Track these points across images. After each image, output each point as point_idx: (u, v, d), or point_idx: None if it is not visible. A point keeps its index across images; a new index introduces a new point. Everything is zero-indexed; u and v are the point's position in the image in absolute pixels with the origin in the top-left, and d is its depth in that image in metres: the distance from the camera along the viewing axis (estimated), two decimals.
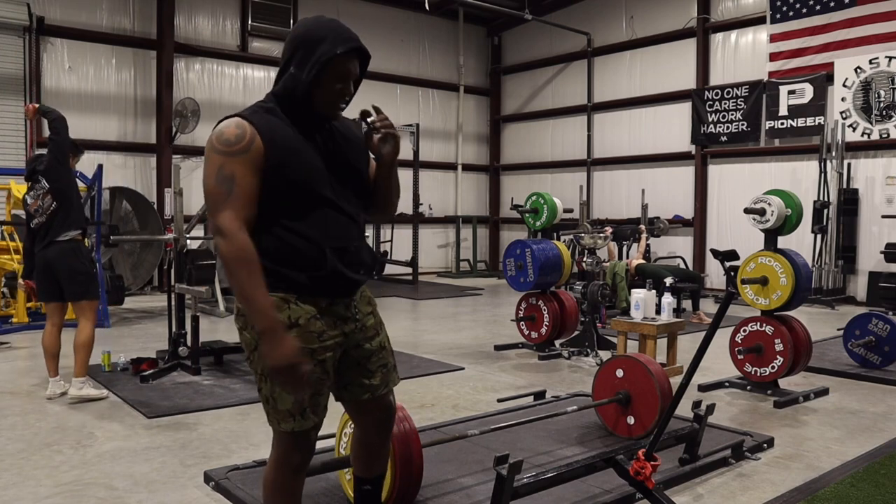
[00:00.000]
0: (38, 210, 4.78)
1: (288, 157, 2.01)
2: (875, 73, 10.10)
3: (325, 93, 2.05)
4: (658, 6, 12.85)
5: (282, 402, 2.06)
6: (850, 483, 3.39)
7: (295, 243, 2.03)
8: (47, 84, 10.82)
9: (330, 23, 2.07)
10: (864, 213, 10.35)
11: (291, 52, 2.05)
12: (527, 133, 15.53)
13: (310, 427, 2.11)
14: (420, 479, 2.92)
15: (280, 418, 2.09)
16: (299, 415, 2.07)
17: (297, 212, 2.04)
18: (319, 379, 2.08)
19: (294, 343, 1.94)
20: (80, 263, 4.78)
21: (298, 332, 2.03)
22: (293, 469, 2.16)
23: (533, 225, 6.94)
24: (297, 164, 2.03)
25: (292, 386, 1.94)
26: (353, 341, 2.18)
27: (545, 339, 6.49)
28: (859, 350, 5.87)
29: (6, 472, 3.46)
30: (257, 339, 2.00)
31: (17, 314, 7.61)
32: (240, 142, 1.97)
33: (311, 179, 2.04)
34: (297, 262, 2.04)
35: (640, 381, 3.83)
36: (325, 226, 2.06)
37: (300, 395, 2.01)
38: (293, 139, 2.04)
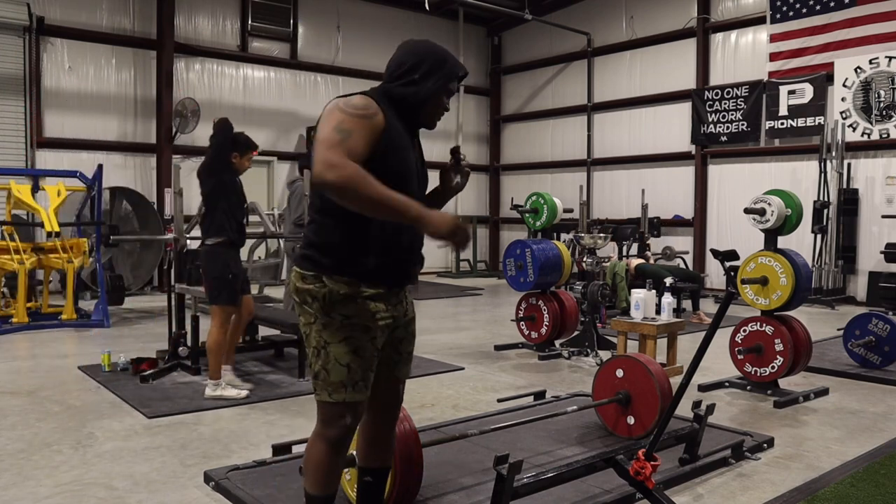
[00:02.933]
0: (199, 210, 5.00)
1: (396, 147, 2.19)
2: (875, 73, 10.10)
3: (434, 105, 2.29)
4: (658, 6, 12.85)
5: (335, 373, 2.20)
6: (850, 483, 3.39)
7: (377, 224, 2.16)
8: (47, 84, 10.81)
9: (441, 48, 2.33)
10: (864, 213, 10.35)
11: (416, 63, 2.25)
12: (527, 133, 15.53)
13: (359, 400, 2.24)
14: (420, 479, 2.92)
15: (333, 389, 2.20)
16: (352, 386, 2.20)
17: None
18: (372, 355, 2.24)
19: (446, 214, 2.07)
20: (215, 268, 4.76)
21: (356, 308, 2.19)
22: (333, 443, 2.25)
23: (533, 225, 6.94)
24: (401, 157, 2.22)
25: (465, 241, 2.07)
26: (398, 323, 2.35)
27: (545, 339, 6.49)
28: (859, 350, 5.87)
29: (6, 472, 3.46)
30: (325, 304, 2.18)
31: (17, 314, 7.61)
32: (366, 109, 2.12)
33: (406, 175, 2.23)
34: (371, 245, 2.18)
35: (640, 381, 3.83)
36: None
37: (465, 247, 2.13)
38: (401, 134, 2.23)
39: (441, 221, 2.04)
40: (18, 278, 7.54)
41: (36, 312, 8.06)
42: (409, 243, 2.28)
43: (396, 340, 2.39)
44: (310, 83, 13.38)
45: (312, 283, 2.20)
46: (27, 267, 7.53)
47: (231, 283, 4.76)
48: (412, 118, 2.30)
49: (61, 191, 8.22)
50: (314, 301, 2.20)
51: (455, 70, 2.30)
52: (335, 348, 2.21)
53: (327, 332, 2.21)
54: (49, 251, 7.93)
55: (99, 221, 8.49)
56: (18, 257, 7.52)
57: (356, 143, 2.05)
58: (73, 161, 10.50)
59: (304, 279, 2.23)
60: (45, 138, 10.69)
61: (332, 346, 2.21)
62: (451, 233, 2.04)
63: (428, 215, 2.04)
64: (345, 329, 2.20)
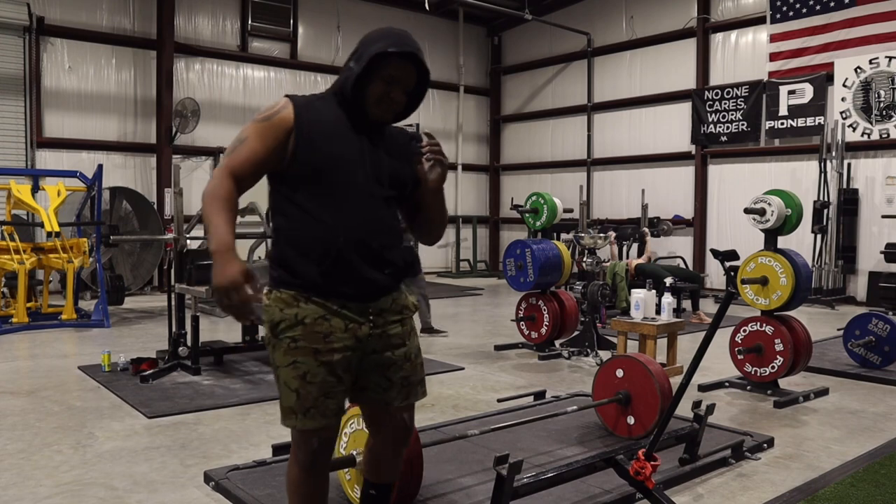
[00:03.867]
0: None
1: (318, 138, 2.03)
2: (875, 73, 10.10)
3: (371, 92, 2.06)
4: (658, 6, 12.85)
5: (285, 397, 2.07)
6: (850, 483, 3.39)
7: (309, 226, 2.02)
8: (47, 84, 10.82)
9: (396, 30, 2.10)
10: (864, 213, 10.35)
11: (354, 50, 2.10)
12: (527, 133, 15.53)
13: (313, 428, 2.07)
14: (420, 479, 2.92)
15: (284, 414, 2.09)
16: (302, 413, 2.05)
17: (319, 196, 2.03)
18: (325, 380, 2.05)
19: (240, 266, 1.86)
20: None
21: (303, 330, 2.02)
22: (302, 466, 2.15)
23: (533, 225, 6.94)
24: (326, 148, 2.03)
25: (231, 309, 1.87)
26: (369, 347, 2.12)
27: (545, 339, 6.49)
28: (859, 350, 5.87)
29: (6, 472, 3.46)
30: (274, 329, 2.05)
31: (17, 314, 7.61)
32: (268, 111, 2.04)
33: (336, 167, 2.04)
34: (310, 248, 2.02)
35: (640, 381, 3.83)
36: (344, 214, 2.04)
37: (243, 321, 1.96)
38: (331, 125, 2.06)
39: (218, 274, 1.85)
40: (18, 278, 7.54)
41: (36, 312, 8.06)
42: (355, 242, 2.04)
43: (383, 366, 2.16)
44: (310, 83, 13.38)
45: (267, 297, 2.08)
46: (27, 267, 7.53)
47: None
48: (360, 109, 2.09)
49: (61, 191, 8.22)
50: (266, 319, 2.08)
51: (385, 48, 2.02)
52: (284, 372, 2.06)
53: (276, 353, 2.08)
54: (49, 251, 7.93)
55: (99, 221, 8.49)
56: (18, 257, 7.52)
57: (245, 148, 2.00)
58: (73, 161, 10.52)
59: (267, 295, 2.10)
60: (45, 138, 10.69)
61: (282, 370, 2.07)
62: (216, 290, 1.85)
63: (217, 258, 1.87)
64: (291, 352, 2.04)
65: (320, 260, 2.02)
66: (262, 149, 2.01)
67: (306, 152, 2.01)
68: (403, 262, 2.17)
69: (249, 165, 2.01)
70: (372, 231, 2.07)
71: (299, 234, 2.03)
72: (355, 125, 2.09)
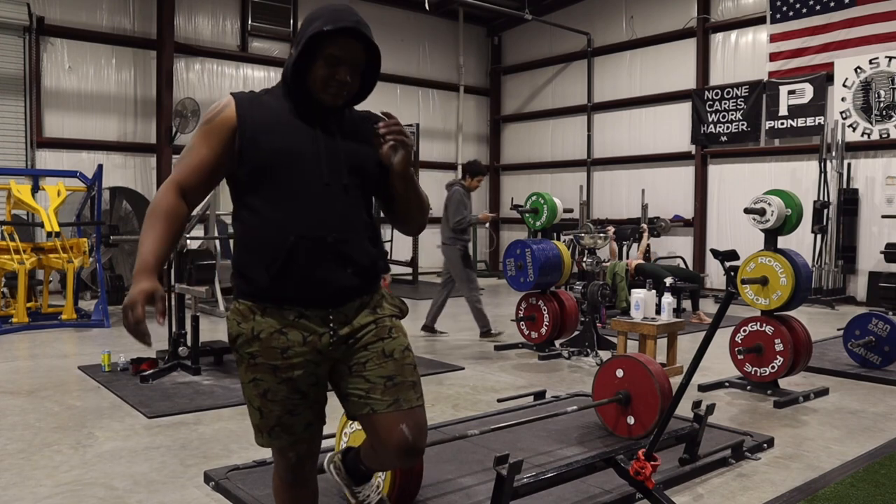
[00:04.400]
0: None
1: (261, 134, 1.87)
2: (875, 73, 10.10)
3: (314, 75, 1.89)
4: (658, 6, 12.85)
5: (251, 415, 1.99)
6: (850, 483, 3.39)
7: (259, 229, 1.88)
8: (47, 84, 10.81)
9: (334, 5, 1.91)
10: (864, 213, 10.34)
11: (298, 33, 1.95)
12: (527, 133, 15.53)
13: (280, 446, 1.99)
14: (420, 479, 2.92)
15: (254, 431, 2.02)
16: (266, 431, 1.97)
17: (267, 195, 1.88)
18: (287, 398, 1.93)
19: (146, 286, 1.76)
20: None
21: (260, 346, 1.90)
22: (281, 478, 2.09)
23: (533, 225, 6.94)
24: (270, 143, 1.87)
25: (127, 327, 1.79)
26: (336, 356, 1.95)
27: (545, 339, 6.49)
28: (859, 350, 5.87)
29: (6, 472, 3.46)
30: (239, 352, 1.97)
31: (17, 314, 7.60)
32: (211, 112, 1.92)
33: (284, 161, 1.87)
34: (260, 251, 1.87)
35: (640, 381, 3.83)
36: (296, 209, 1.86)
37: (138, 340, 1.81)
38: (277, 118, 1.91)
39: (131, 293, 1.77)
40: (18, 278, 7.54)
41: (36, 312, 8.06)
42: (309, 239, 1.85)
43: (356, 366, 1.95)
44: None
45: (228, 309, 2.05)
46: (27, 267, 7.53)
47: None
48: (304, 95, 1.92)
49: (61, 191, 8.22)
50: (230, 336, 1.98)
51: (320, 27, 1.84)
52: (246, 389, 1.97)
53: (239, 369, 1.99)
54: (49, 251, 7.93)
55: (99, 221, 8.48)
56: (18, 257, 7.51)
57: (191, 155, 1.90)
58: (73, 161, 10.51)
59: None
60: (45, 138, 10.69)
61: (245, 387, 1.98)
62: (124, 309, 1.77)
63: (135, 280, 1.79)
64: (252, 369, 1.94)
65: (270, 263, 1.85)
66: (208, 154, 1.89)
67: (250, 150, 1.87)
68: (370, 259, 1.96)
69: (196, 174, 1.90)
70: (328, 225, 1.88)
71: (251, 237, 1.90)
72: (304, 115, 1.92)
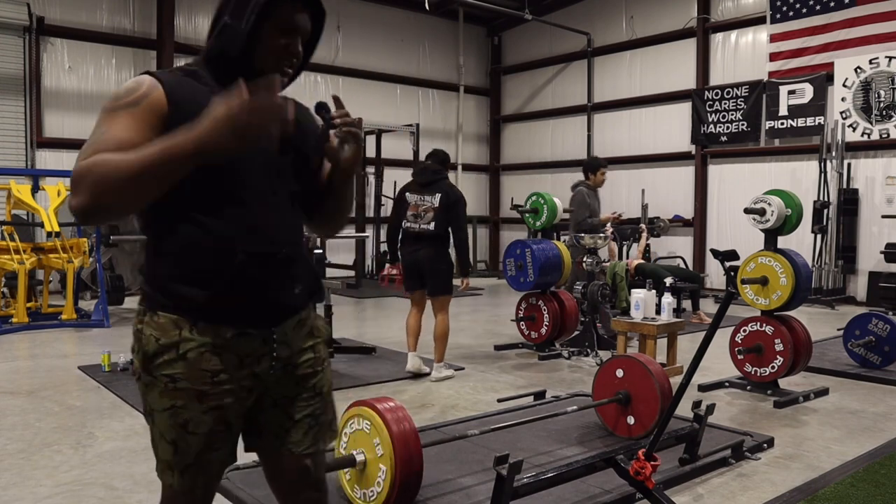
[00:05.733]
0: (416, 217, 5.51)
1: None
2: (875, 73, 10.10)
3: (267, 49, 1.61)
4: (658, 6, 12.85)
5: (161, 449, 1.67)
6: (850, 483, 3.39)
7: (200, 241, 1.57)
8: (47, 84, 10.81)
9: None
10: (864, 213, 10.34)
11: (221, 4, 1.63)
12: (527, 133, 15.53)
13: (189, 488, 1.69)
14: (420, 479, 2.92)
15: (160, 468, 1.70)
16: (180, 470, 1.66)
17: (207, 202, 1.57)
18: (211, 430, 1.63)
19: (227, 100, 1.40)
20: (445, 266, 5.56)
21: (185, 367, 1.58)
22: None
23: (533, 225, 6.94)
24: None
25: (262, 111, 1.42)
26: (271, 382, 1.70)
27: (545, 339, 6.49)
28: (859, 350, 5.87)
29: (6, 472, 3.46)
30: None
31: (17, 314, 7.61)
32: (130, 94, 1.52)
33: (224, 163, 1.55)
34: (199, 269, 1.58)
35: (640, 381, 3.83)
36: (242, 220, 1.59)
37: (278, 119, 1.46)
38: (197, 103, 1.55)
39: (219, 114, 1.39)
40: (18, 278, 7.54)
41: (36, 312, 8.06)
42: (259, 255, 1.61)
43: (285, 400, 1.73)
44: (310, 83, 13.37)
45: (139, 321, 1.63)
46: (27, 267, 7.53)
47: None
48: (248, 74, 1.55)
49: (61, 191, 8.23)
50: (137, 349, 1.63)
51: None
52: (160, 418, 1.63)
53: (151, 394, 1.63)
54: (49, 251, 7.93)
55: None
56: (18, 257, 7.52)
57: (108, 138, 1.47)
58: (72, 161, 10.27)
59: (137, 315, 1.66)
60: (45, 138, 10.69)
61: (157, 415, 1.64)
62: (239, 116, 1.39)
63: (202, 128, 1.40)
64: (170, 395, 1.60)
65: (211, 280, 1.58)
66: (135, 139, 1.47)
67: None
68: (314, 274, 1.79)
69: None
70: (277, 239, 1.65)
71: (182, 247, 1.58)
72: None
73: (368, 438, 2.90)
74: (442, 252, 5.59)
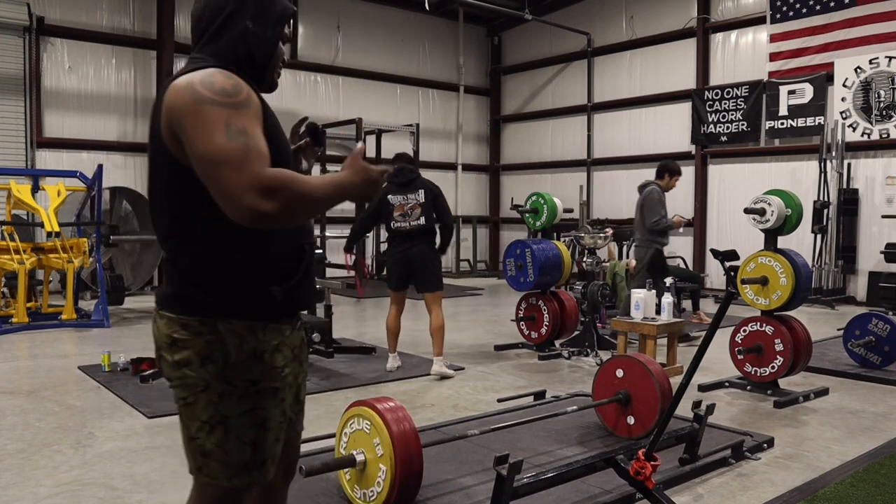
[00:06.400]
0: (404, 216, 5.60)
1: (275, 130, 1.65)
2: (875, 73, 10.10)
3: (277, 59, 1.75)
4: (658, 6, 12.85)
5: (238, 452, 1.65)
6: (850, 483, 3.39)
7: (272, 238, 1.64)
8: (47, 84, 10.81)
9: None
10: (864, 213, 10.34)
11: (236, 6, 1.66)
12: (527, 133, 15.53)
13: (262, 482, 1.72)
14: (420, 479, 2.92)
15: (233, 472, 1.66)
16: (258, 467, 1.68)
17: None
18: (279, 424, 1.72)
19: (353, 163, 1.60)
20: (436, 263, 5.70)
21: (262, 369, 1.64)
22: None
23: (533, 225, 6.94)
24: (281, 141, 1.68)
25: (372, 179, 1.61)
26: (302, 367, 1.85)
27: (545, 339, 6.49)
28: (859, 350, 5.87)
29: (6, 472, 3.46)
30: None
31: (17, 314, 7.61)
32: (237, 94, 1.55)
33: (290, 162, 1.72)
34: (275, 267, 1.65)
35: (640, 381, 3.83)
36: None
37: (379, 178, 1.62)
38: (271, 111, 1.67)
39: (374, 176, 1.60)
40: (18, 278, 7.54)
41: (36, 312, 8.06)
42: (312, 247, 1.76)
43: (299, 389, 1.87)
44: (310, 83, 13.38)
45: (198, 334, 1.61)
46: (27, 267, 7.53)
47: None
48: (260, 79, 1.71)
49: (61, 191, 8.23)
50: (207, 362, 1.61)
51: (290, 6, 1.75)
52: (238, 422, 1.64)
53: (226, 403, 1.62)
54: (49, 251, 7.93)
55: (99, 221, 8.49)
56: (18, 257, 7.52)
57: (260, 147, 1.51)
58: (73, 161, 10.51)
59: (185, 329, 1.61)
60: (45, 138, 10.69)
61: (234, 420, 1.63)
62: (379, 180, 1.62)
63: (360, 182, 1.59)
64: (250, 398, 1.64)
65: (288, 275, 1.67)
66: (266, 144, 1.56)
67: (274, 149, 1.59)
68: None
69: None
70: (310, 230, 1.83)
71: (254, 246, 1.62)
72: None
73: (368, 438, 2.90)
74: (433, 247, 5.71)
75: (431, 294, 5.64)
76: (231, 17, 1.66)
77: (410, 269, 5.64)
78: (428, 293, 5.64)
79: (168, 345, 1.63)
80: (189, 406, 1.64)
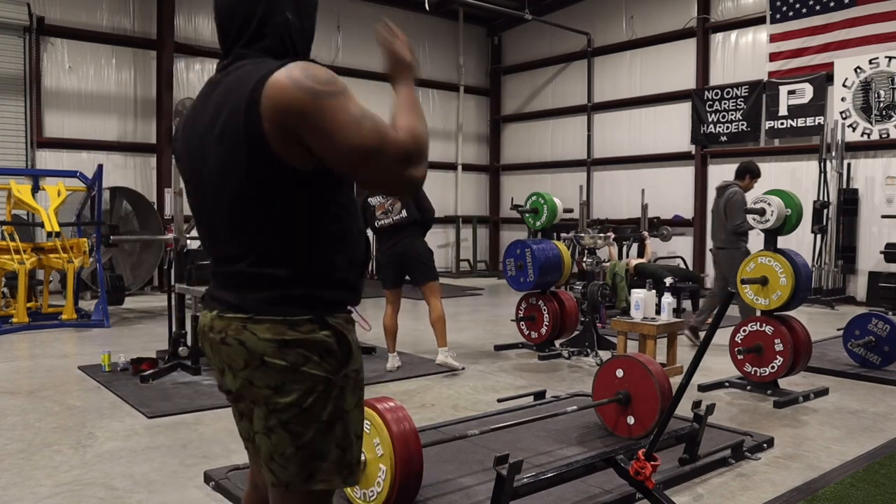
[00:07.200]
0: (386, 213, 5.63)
1: None
2: (875, 73, 10.10)
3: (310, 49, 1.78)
4: (658, 6, 12.86)
5: (354, 448, 1.63)
6: (850, 483, 3.39)
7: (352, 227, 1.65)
8: (47, 84, 10.82)
9: None
10: (864, 213, 10.35)
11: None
12: (527, 133, 15.53)
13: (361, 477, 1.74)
14: (420, 479, 2.92)
15: (349, 471, 1.62)
16: (356, 462, 1.66)
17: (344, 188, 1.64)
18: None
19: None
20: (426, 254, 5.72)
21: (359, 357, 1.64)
22: None
23: (533, 225, 6.94)
24: None
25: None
26: None
27: (545, 339, 6.49)
28: (859, 350, 5.87)
29: (6, 472, 3.46)
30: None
31: (18, 314, 7.61)
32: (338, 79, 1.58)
33: None
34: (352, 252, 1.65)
35: (640, 381, 3.83)
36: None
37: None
38: None
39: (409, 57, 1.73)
40: (18, 278, 7.55)
41: (36, 312, 8.06)
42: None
43: None
44: None
45: (313, 331, 1.55)
46: (27, 267, 7.53)
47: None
48: None
49: (61, 191, 8.23)
50: (327, 356, 1.56)
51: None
52: (354, 416, 1.62)
53: (344, 396, 1.59)
54: (49, 251, 7.93)
55: (99, 221, 8.49)
56: (18, 257, 7.52)
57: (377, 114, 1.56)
58: (73, 161, 10.51)
59: (295, 328, 1.54)
60: (45, 138, 10.70)
61: (351, 414, 1.61)
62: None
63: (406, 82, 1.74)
64: (358, 388, 1.64)
65: (363, 266, 1.70)
66: None
67: None
68: None
69: None
70: None
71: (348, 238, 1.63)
72: None
73: (368, 438, 2.89)
74: (421, 238, 5.73)
75: (427, 285, 5.66)
76: (270, 11, 1.62)
77: (402, 264, 5.67)
78: (423, 285, 5.67)
79: (277, 348, 1.53)
80: (305, 411, 1.54)
